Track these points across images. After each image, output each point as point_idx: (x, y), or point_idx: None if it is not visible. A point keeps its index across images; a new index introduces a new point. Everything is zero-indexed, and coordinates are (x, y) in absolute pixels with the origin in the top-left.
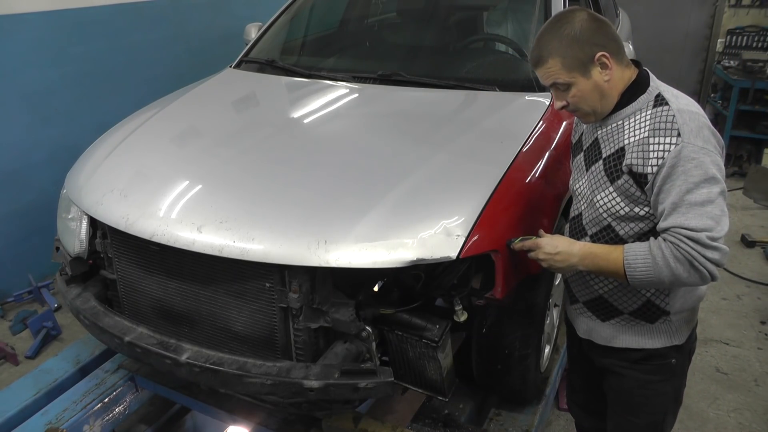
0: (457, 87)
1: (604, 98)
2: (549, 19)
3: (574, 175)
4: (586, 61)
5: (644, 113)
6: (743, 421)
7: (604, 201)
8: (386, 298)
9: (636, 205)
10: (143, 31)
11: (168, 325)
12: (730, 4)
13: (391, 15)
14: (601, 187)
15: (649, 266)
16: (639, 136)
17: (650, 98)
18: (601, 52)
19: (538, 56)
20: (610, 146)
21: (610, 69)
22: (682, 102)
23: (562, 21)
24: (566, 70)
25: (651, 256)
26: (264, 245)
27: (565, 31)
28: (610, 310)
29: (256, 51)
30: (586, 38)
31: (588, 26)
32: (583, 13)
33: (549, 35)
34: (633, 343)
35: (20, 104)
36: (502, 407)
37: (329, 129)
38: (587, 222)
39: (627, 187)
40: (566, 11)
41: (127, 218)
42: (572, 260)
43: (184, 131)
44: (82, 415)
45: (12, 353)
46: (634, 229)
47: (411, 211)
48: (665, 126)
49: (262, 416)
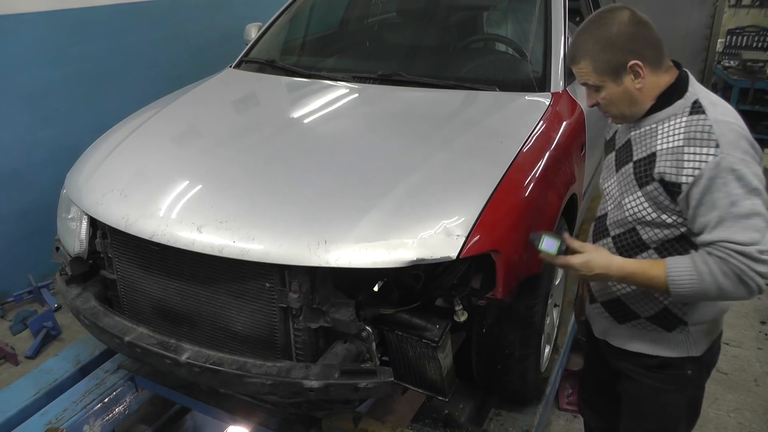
0: (457, 87)
1: (634, 104)
2: (592, 14)
3: (604, 174)
4: (618, 68)
5: (679, 120)
6: (743, 421)
7: (632, 205)
8: (386, 298)
9: (663, 213)
10: (143, 31)
11: (168, 325)
12: (730, 4)
13: (391, 15)
14: (629, 191)
15: (695, 282)
16: (672, 144)
17: (687, 104)
18: (635, 60)
19: (572, 54)
20: (642, 150)
21: (642, 78)
22: (720, 111)
23: (601, 21)
24: (597, 73)
25: (696, 272)
26: (264, 245)
27: (601, 34)
28: (628, 312)
29: (256, 51)
30: (621, 44)
31: (625, 31)
32: (624, 14)
33: (586, 35)
34: (648, 349)
35: (20, 104)
36: (502, 407)
37: (329, 129)
38: (611, 223)
39: (656, 194)
40: (609, 10)
41: (127, 218)
42: (611, 278)
43: (184, 131)
44: (82, 415)
45: (12, 353)
46: (658, 235)
47: (411, 211)
48: (701, 136)
49: (262, 416)
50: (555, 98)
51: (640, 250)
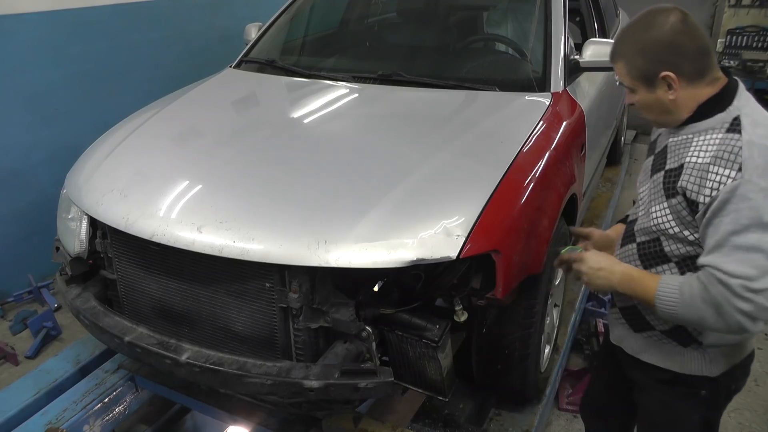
0: (457, 87)
1: (667, 114)
2: (643, 10)
3: (641, 177)
4: (650, 76)
5: (716, 134)
6: (743, 421)
7: (657, 215)
8: (386, 298)
9: (686, 228)
10: (143, 31)
11: (168, 325)
12: (730, 4)
13: (391, 15)
14: (657, 200)
15: (677, 302)
16: (701, 160)
17: (727, 119)
18: (667, 72)
19: (612, 52)
20: (675, 160)
21: (675, 90)
22: (760, 133)
23: (643, 23)
24: (630, 77)
25: (680, 292)
26: (264, 245)
27: (639, 37)
28: (643, 322)
29: (256, 51)
30: (656, 52)
31: (663, 39)
32: (669, 19)
33: (626, 35)
34: (661, 362)
35: (20, 104)
36: (502, 407)
37: (329, 129)
38: (639, 229)
39: (680, 208)
40: (657, 12)
41: (127, 218)
42: (613, 279)
43: (184, 131)
44: (82, 415)
45: (12, 353)
46: (680, 250)
47: (411, 211)
48: (728, 157)
49: (262, 416)
50: (555, 98)
51: (661, 261)
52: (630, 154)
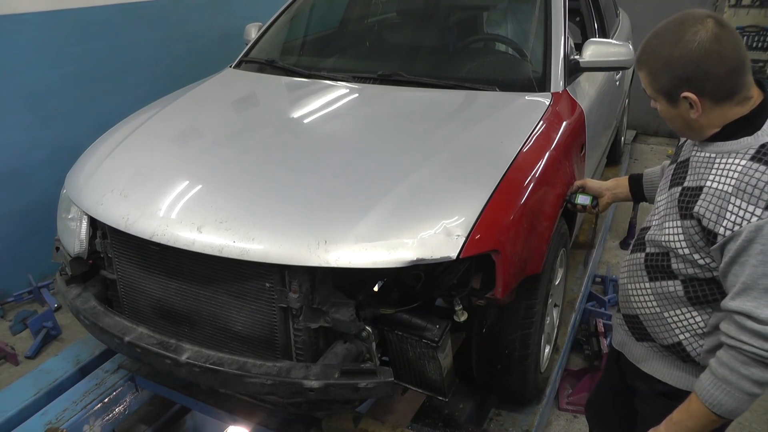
0: (457, 87)
1: (690, 130)
2: (675, 15)
3: (661, 185)
4: (672, 92)
5: (739, 160)
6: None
7: (669, 232)
8: (386, 298)
9: (696, 252)
10: (143, 31)
11: (168, 325)
12: (730, 4)
13: (391, 15)
14: (671, 216)
15: (725, 388)
16: (722, 187)
17: (753, 145)
18: (689, 93)
19: (637, 57)
20: (695, 178)
21: (697, 111)
22: None
23: (672, 35)
24: (652, 88)
25: (720, 378)
26: (264, 245)
27: (664, 49)
28: (644, 333)
29: (256, 51)
30: (680, 69)
31: (689, 57)
32: (700, 33)
33: (653, 43)
34: (659, 374)
35: (20, 104)
36: (502, 407)
37: (329, 129)
38: (650, 239)
39: (692, 233)
40: (689, 20)
41: (127, 218)
42: None
43: (184, 131)
44: (82, 415)
45: (12, 353)
46: (688, 270)
47: (411, 211)
48: (752, 191)
49: (262, 416)
50: (555, 98)
51: (667, 277)
52: (630, 154)
